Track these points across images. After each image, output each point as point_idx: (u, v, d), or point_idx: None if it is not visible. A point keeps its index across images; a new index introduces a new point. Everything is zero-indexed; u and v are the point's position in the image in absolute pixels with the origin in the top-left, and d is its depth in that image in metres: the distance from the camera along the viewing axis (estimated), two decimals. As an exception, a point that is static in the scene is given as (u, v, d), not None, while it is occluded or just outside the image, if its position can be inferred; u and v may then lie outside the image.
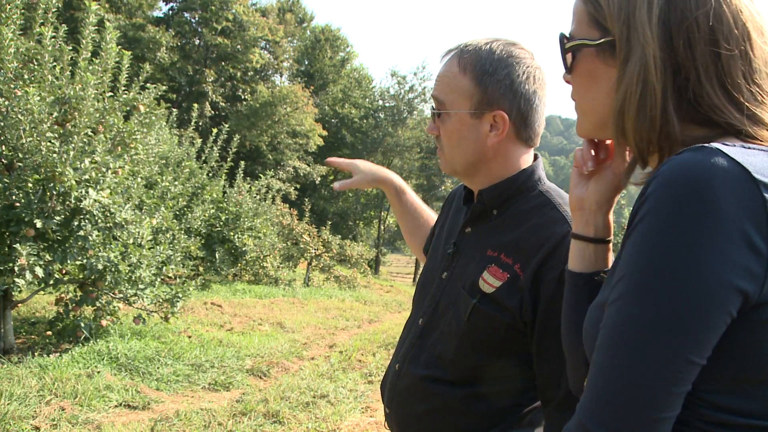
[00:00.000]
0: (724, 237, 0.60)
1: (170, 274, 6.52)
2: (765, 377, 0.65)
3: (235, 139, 10.42)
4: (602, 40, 0.78)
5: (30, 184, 4.36)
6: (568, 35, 0.85)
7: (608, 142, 0.92)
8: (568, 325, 0.93)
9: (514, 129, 1.19)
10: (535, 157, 1.27)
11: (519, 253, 1.15)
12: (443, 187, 31.94)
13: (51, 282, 4.59)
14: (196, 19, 32.42)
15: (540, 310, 1.10)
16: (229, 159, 10.01)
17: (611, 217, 0.95)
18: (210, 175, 10.25)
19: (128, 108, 5.38)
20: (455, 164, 1.25)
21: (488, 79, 1.16)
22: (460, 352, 1.18)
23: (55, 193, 4.38)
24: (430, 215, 1.69)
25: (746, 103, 0.70)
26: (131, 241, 5.17)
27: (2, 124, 4.32)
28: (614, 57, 0.77)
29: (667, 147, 0.73)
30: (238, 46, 31.84)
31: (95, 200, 4.62)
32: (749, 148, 0.67)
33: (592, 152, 0.92)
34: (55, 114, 4.63)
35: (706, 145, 0.65)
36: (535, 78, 1.19)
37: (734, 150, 0.65)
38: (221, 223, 10.42)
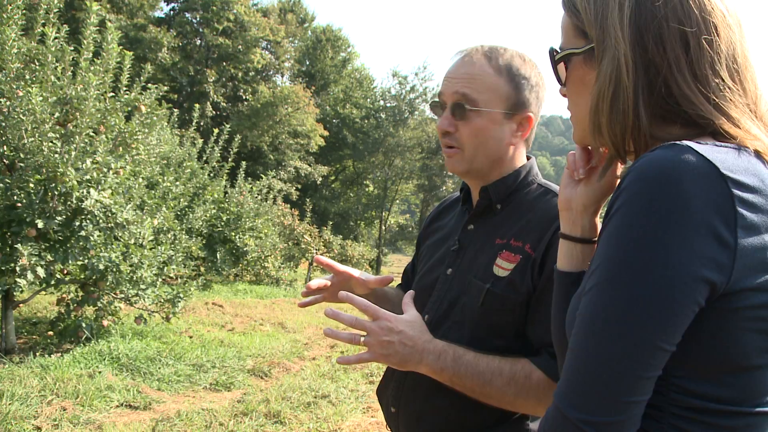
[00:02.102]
0: (692, 230, 0.64)
1: (171, 275, 6.53)
2: (736, 365, 0.68)
3: (236, 139, 10.44)
4: (586, 47, 0.82)
5: (31, 185, 4.37)
6: (558, 49, 0.89)
7: (602, 149, 0.95)
8: (557, 322, 0.95)
9: (530, 131, 1.29)
10: (528, 157, 1.35)
11: (528, 235, 1.19)
12: (444, 187, 31.93)
13: (52, 282, 4.60)
14: (198, 19, 32.44)
15: (544, 276, 1.14)
16: (230, 159, 10.03)
17: (598, 219, 0.97)
18: (211, 175, 10.26)
19: (130, 108, 5.39)
20: (475, 162, 1.26)
21: (525, 84, 1.24)
22: (474, 338, 1.19)
23: (56, 193, 4.38)
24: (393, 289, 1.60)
25: (711, 94, 0.73)
26: (132, 241, 5.17)
27: (4, 124, 4.33)
28: None
29: (642, 143, 0.76)
30: (240, 47, 31.85)
31: (96, 200, 4.63)
32: (720, 145, 0.70)
33: (585, 159, 0.96)
34: (57, 114, 4.64)
35: (678, 142, 0.68)
36: (544, 85, 1.30)
37: (705, 147, 0.68)
38: (222, 224, 10.43)
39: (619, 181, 0.72)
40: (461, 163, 1.27)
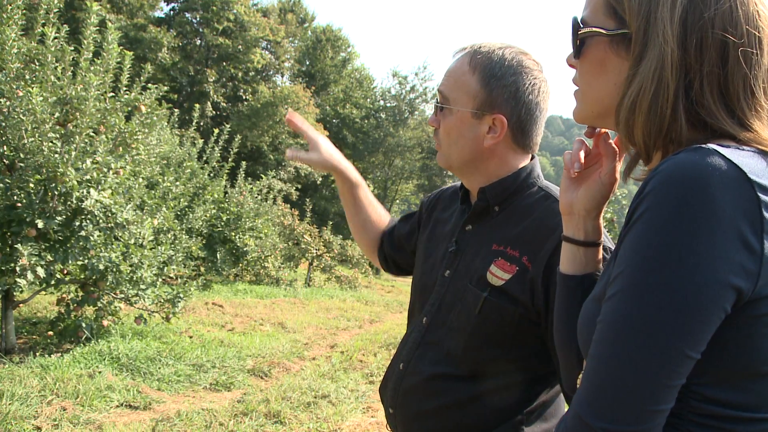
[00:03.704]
0: (721, 236, 0.62)
1: (171, 275, 6.54)
2: (756, 371, 0.67)
3: (236, 139, 10.43)
4: (618, 32, 0.78)
5: (32, 185, 4.37)
6: (581, 20, 0.83)
7: (601, 131, 0.93)
8: (560, 325, 0.94)
9: (511, 134, 1.23)
10: (532, 157, 1.31)
11: (525, 245, 1.17)
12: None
13: (52, 282, 4.60)
14: (198, 19, 32.46)
15: (552, 299, 1.11)
16: (230, 159, 10.02)
17: (601, 220, 0.96)
18: (211, 175, 10.26)
19: (130, 108, 5.39)
20: (451, 160, 1.29)
21: (495, 83, 1.20)
22: (470, 346, 1.19)
23: (56, 193, 4.38)
24: (381, 214, 1.67)
25: (738, 110, 0.71)
26: (132, 241, 5.17)
27: (4, 124, 4.33)
28: (628, 50, 0.77)
29: (671, 146, 0.74)
30: (240, 47, 31.86)
31: (97, 200, 4.63)
32: (743, 149, 0.68)
33: (581, 155, 0.94)
34: (57, 114, 4.64)
35: (703, 145, 0.66)
36: (540, 90, 1.22)
37: (729, 151, 0.66)
38: (222, 224, 10.43)
39: (641, 185, 0.69)
40: (441, 158, 1.32)
